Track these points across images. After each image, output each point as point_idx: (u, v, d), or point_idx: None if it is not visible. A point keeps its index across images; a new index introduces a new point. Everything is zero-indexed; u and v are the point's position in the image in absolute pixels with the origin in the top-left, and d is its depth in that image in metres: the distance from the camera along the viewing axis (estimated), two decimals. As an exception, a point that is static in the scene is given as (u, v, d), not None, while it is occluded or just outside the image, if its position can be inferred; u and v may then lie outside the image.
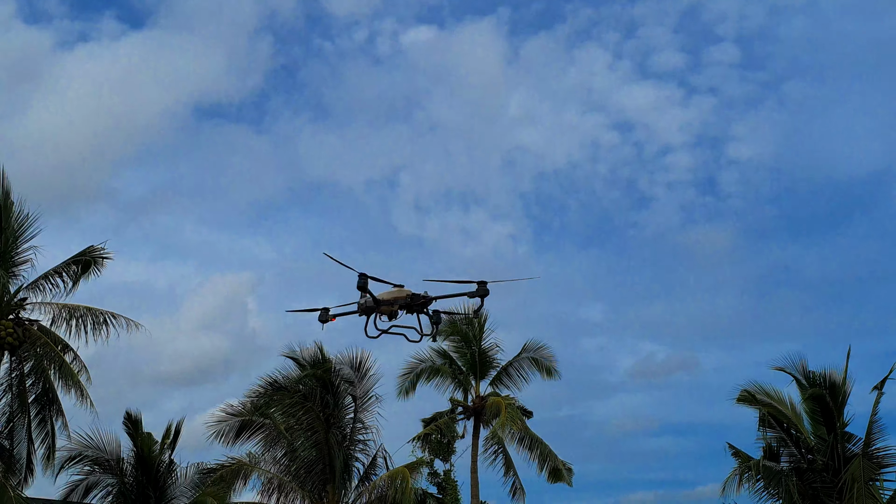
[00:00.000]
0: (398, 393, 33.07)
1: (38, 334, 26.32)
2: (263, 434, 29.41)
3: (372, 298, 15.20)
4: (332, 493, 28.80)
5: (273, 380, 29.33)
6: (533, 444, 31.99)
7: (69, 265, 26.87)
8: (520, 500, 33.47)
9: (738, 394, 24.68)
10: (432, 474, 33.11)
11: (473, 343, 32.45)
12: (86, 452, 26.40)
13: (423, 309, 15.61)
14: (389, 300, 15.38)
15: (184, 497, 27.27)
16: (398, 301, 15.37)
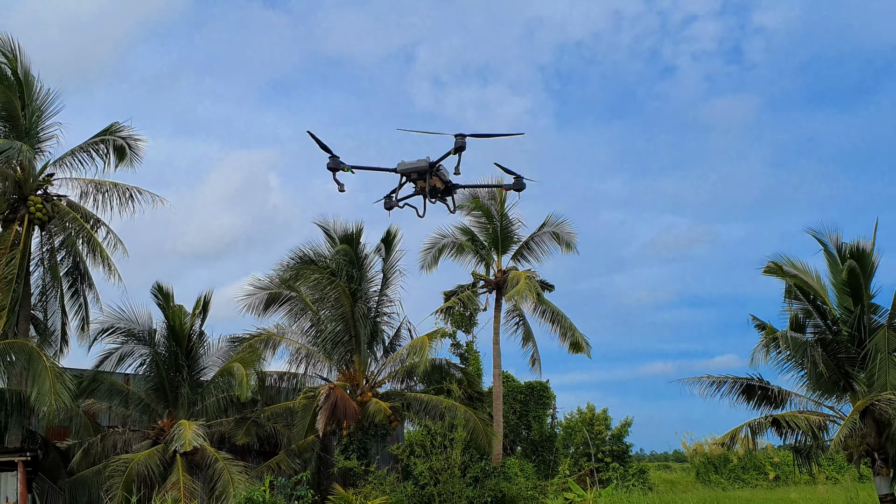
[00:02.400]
0: (421, 267, 33.60)
1: (67, 209, 26.57)
2: (291, 306, 30.10)
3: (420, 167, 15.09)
4: (358, 362, 29.58)
5: (302, 253, 29.79)
6: (554, 317, 32.56)
7: (97, 143, 26.88)
8: (536, 370, 34.38)
9: (765, 266, 24.78)
10: (455, 345, 33.82)
11: (495, 218, 32.60)
12: (118, 324, 27.02)
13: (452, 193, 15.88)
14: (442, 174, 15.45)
15: (214, 366, 27.97)
16: (445, 178, 15.42)
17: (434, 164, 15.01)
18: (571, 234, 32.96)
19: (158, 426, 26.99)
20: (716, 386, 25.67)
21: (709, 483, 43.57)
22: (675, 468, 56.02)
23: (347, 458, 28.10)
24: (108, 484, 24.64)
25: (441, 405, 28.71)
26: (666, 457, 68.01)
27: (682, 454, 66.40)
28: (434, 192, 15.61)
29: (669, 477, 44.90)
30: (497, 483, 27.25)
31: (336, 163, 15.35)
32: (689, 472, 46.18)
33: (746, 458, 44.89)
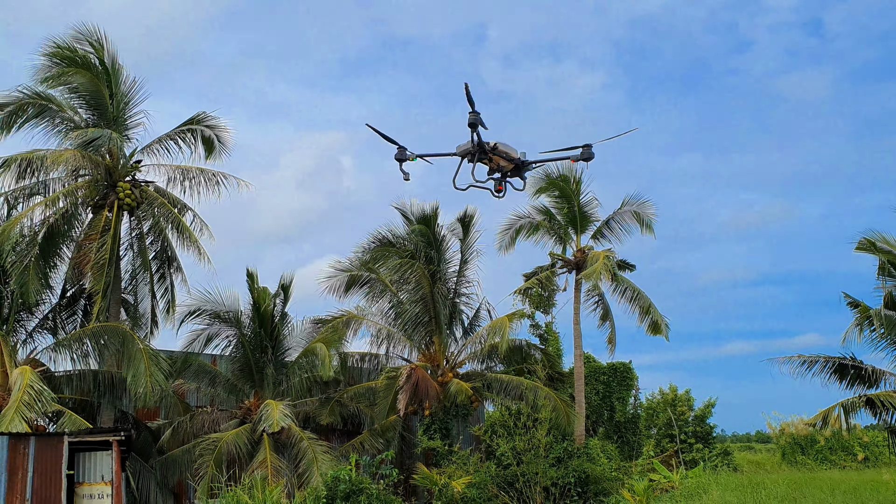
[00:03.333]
0: (499, 249, 33.58)
1: (155, 195, 27.27)
2: (371, 288, 30.47)
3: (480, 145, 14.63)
4: (438, 343, 29.80)
5: (381, 235, 30.12)
6: (634, 296, 32.28)
7: (184, 132, 27.56)
8: (613, 351, 34.25)
9: (857, 242, 24.25)
10: (534, 326, 33.82)
11: (572, 198, 32.38)
12: (204, 307, 27.65)
13: (522, 172, 15.48)
14: (503, 152, 15.03)
15: (298, 347, 28.45)
16: (510, 156, 15.01)
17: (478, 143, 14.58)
18: (651, 215, 32.64)
19: (245, 406, 27.60)
20: (807, 365, 25.31)
21: (795, 464, 42.73)
22: (758, 449, 55.16)
23: (430, 437, 28.37)
24: (198, 463, 25.29)
25: (522, 386, 28.74)
26: (748, 438, 67.08)
27: (765, 435, 65.27)
28: (502, 171, 15.31)
29: (754, 458, 44.19)
30: (580, 464, 27.18)
31: (402, 154, 15.32)
32: (774, 453, 45.37)
33: (834, 438, 43.93)
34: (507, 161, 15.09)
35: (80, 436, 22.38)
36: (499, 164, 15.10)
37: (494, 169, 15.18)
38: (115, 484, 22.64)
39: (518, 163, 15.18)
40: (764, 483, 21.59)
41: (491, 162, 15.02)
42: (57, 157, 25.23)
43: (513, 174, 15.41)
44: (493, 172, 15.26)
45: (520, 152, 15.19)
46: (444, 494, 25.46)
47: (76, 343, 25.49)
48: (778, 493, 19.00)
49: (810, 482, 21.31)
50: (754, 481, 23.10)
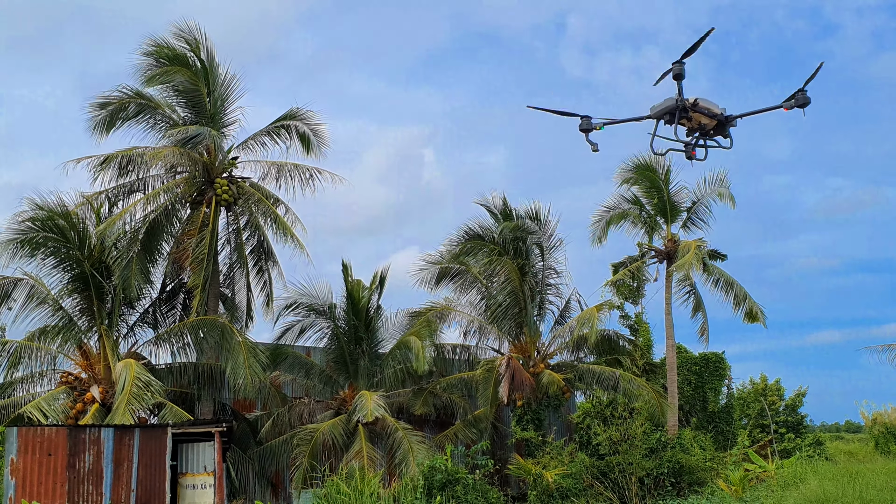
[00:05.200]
0: (591, 241, 33.37)
1: (251, 190, 27.79)
2: (461, 280, 30.64)
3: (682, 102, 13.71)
4: (528, 334, 29.83)
5: (468, 229, 30.32)
6: (726, 285, 31.87)
7: (278, 128, 28.02)
8: (705, 341, 33.82)
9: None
10: (624, 317, 33.64)
11: (662, 187, 32.07)
12: (300, 300, 28.11)
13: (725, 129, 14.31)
14: (705, 108, 14.00)
15: (392, 339, 28.76)
16: (711, 112, 13.96)
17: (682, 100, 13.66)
18: (727, 190, 32.13)
19: (340, 397, 27.99)
20: (903, 354, 24.79)
21: (888, 453, 41.82)
22: (848, 438, 54.00)
23: (524, 428, 28.45)
24: (295, 452, 25.79)
25: (614, 376, 28.64)
26: (837, 427, 65.74)
27: (855, 424, 63.89)
28: (704, 131, 14.27)
29: (846, 448, 43.28)
30: (674, 454, 26.98)
31: (587, 123, 14.40)
32: (867, 443, 44.44)
33: (928, 427, 42.84)
34: (710, 118, 14.11)
35: (183, 427, 22.96)
36: (700, 123, 14.12)
37: (695, 128, 14.25)
38: (218, 474, 23.19)
39: (721, 119, 14.19)
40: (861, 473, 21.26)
41: (691, 121, 14.09)
42: (156, 154, 25.86)
43: (716, 132, 14.40)
44: (694, 131, 14.32)
45: (721, 107, 14.19)
46: (538, 484, 25.52)
47: (176, 336, 26.11)
48: (876, 482, 18.74)
49: (907, 471, 20.95)
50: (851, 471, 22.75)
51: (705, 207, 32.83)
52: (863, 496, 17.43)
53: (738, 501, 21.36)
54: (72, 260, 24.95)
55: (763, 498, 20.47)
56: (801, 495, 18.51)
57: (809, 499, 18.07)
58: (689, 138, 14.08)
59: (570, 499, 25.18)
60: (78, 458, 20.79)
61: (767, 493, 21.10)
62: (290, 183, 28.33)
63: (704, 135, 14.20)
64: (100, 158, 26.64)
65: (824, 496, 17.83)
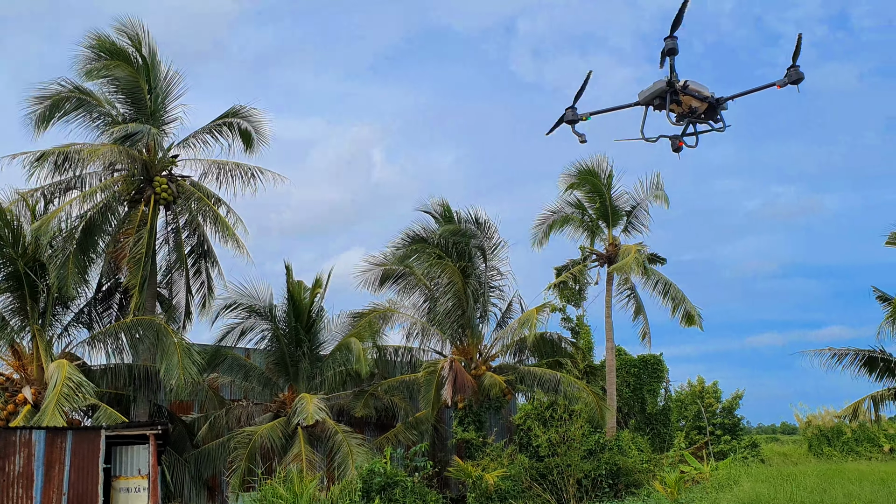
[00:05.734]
0: (532, 244, 33.59)
1: (192, 189, 27.41)
2: (404, 282, 30.60)
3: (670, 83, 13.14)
4: (470, 336, 29.90)
5: (413, 232, 30.33)
6: (666, 289, 32.29)
7: (220, 126, 27.67)
8: (647, 344, 34.25)
9: (888, 237, 24.24)
10: (565, 319, 33.89)
11: (604, 192, 32.40)
12: (240, 300, 27.79)
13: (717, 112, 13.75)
14: (695, 90, 13.41)
15: (333, 341, 28.61)
16: (702, 94, 13.45)
17: (671, 82, 13.09)
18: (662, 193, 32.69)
19: (280, 399, 27.75)
20: (837, 358, 25.37)
21: (822, 455, 42.69)
22: (783, 440, 55.11)
23: (465, 429, 28.50)
24: (233, 455, 25.49)
25: (555, 378, 28.81)
26: (773, 429, 66.95)
27: (790, 426, 65.12)
28: (695, 113, 13.74)
29: (781, 450, 44.20)
30: (612, 456, 27.27)
31: (573, 114, 13.92)
32: (801, 445, 45.38)
33: (860, 430, 43.91)
34: (700, 101, 13.58)
35: (117, 430, 22.52)
36: (690, 106, 13.59)
37: (685, 113, 13.70)
38: (152, 477, 22.77)
39: (712, 101, 13.66)
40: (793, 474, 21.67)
41: (681, 105, 13.57)
42: (94, 151, 25.38)
43: (707, 116, 13.88)
44: (684, 116, 13.76)
45: (710, 90, 13.69)
46: (477, 487, 25.58)
47: (111, 337, 25.71)
48: (807, 484, 19.11)
49: (838, 473, 21.42)
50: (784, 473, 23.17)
51: (644, 211, 33.28)
52: (794, 498, 17.75)
53: (673, 503, 21.61)
54: (5, 258, 24.44)
55: (697, 500, 20.74)
56: (734, 497, 18.80)
57: (742, 500, 18.35)
58: (680, 125, 13.66)
59: (508, 501, 25.29)
60: (7, 460, 20.31)
61: (702, 494, 21.37)
62: (232, 182, 28.01)
63: (696, 119, 13.79)
64: (36, 154, 26.01)
65: (757, 498, 18.12)
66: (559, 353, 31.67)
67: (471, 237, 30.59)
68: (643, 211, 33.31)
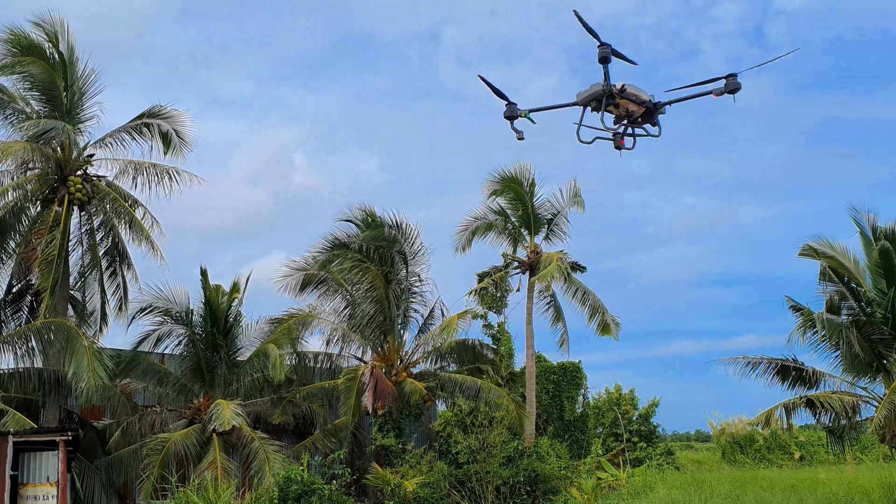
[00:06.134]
0: (455, 249, 33.62)
1: (107, 190, 26.75)
2: (326, 287, 30.38)
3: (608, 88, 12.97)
4: (391, 343, 29.78)
5: (334, 238, 30.09)
6: (585, 297, 32.66)
7: (140, 126, 27.04)
8: (565, 351, 34.64)
9: (801, 248, 24.85)
10: (487, 326, 34.02)
11: (526, 200, 32.65)
12: (156, 304, 27.21)
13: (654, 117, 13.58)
14: (632, 94, 13.22)
15: (252, 346, 28.20)
16: (640, 99, 13.29)
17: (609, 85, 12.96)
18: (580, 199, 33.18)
19: (195, 405, 27.24)
20: (751, 366, 25.89)
21: (734, 463, 43.59)
22: (697, 448, 56.17)
23: (384, 436, 28.36)
24: (145, 463, 24.90)
25: (475, 385, 28.87)
26: (688, 437, 68.22)
27: (704, 434, 66.38)
28: (632, 117, 13.57)
29: (695, 457, 45.07)
30: (530, 463, 27.45)
31: (512, 110, 13.73)
32: (714, 452, 46.29)
33: (772, 438, 44.99)
34: (638, 105, 13.39)
35: (26, 435, 21.86)
36: (628, 110, 13.43)
37: (623, 115, 13.54)
38: (61, 485, 22.17)
39: (649, 105, 13.48)
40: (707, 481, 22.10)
41: (618, 108, 13.39)
42: (6, 149, 24.58)
43: (644, 120, 13.68)
44: (622, 119, 13.60)
45: (650, 94, 13.54)
46: (396, 494, 25.49)
47: (20, 340, 24.91)
48: (721, 490, 19.44)
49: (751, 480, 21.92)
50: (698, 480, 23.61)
51: (565, 219, 33.64)
52: (707, 504, 18.03)
53: (589, 510, 21.82)
54: None
55: (613, 506, 20.97)
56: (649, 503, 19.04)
57: (657, 507, 18.59)
58: (617, 126, 13.53)
59: (427, 508, 25.26)
60: None
61: (618, 501, 21.60)
62: (149, 183, 27.38)
63: (633, 122, 13.63)
64: (-57, 151, 25.11)
65: (671, 504, 18.37)
66: (480, 359, 31.79)
67: (393, 242, 30.50)
68: (563, 218, 33.71)
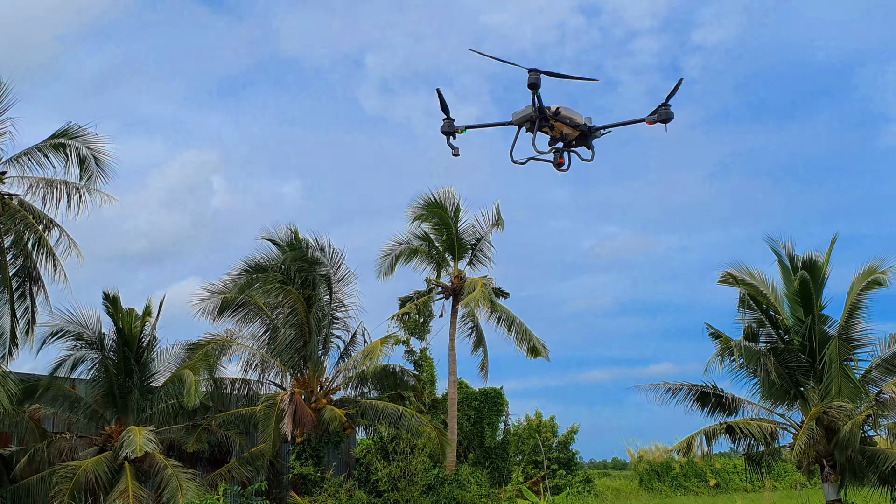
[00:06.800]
0: (378, 274, 33.32)
1: (18, 209, 25.76)
2: (245, 311, 29.73)
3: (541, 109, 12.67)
4: (311, 369, 29.30)
5: (254, 261, 29.50)
6: (509, 322, 32.63)
7: (55, 146, 26.10)
8: (485, 376, 34.56)
9: (720, 275, 25.20)
10: (409, 352, 33.76)
11: (451, 225, 32.62)
12: (67, 328, 26.31)
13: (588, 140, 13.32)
14: (567, 118, 12.98)
15: (167, 371, 27.44)
16: (574, 122, 13.03)
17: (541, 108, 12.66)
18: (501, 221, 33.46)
19: (106, 432, 26.35)
20: (671, 393, 26.09)
21: (652, 490, 44.03)
22: (615, 475, 56.62)
23: (303, 464, 27.79)
24: (55, 491, 23.94)
25: (396, 412, 28.53)
26: (604, 464, 68.72)
27: (620, 462, 66.94)
28: (566, 140, 13.25)
29: (614, 484, 45.34)
30: (451, 491, 27.23)
31: (449, 126, 13.40)
32: (632, 480, 46.68)
33: (688, 465, 45.54)
34: (572, 128, 13.13)
35: (-75, 464, 20.89)
36: (562, 132, 13.17)
37: (557, 138, 13.26)
38: (-38, 515, 21.22)
39: (584, 129, 13.22)
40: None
41: (553, 130, 13.14)
42: None
43: (578, 143, 13.39)
44: (556, 142, 13.34)
45: (586, 117, 13.27)
46: (314, 523, 25.01)
47: (-79, 363, 23.79)
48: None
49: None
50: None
51: (488, 244, 33.74)
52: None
53: (511, 537, 21.71)
54: None
55: (535, 534, 20.90)
56: (571, 531, 19.02)
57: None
58: (550, 149, 13.21)
59: (345, 537, 24.81)
60: None
61: (540, 528, 21.57)
62: (62, 203, 26.42)
63: (567, 145, 13.37)
64: None
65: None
66: (402, 386, 31.47)
67: (317, 264, 30.06)
68: (487, 244, 33.83)
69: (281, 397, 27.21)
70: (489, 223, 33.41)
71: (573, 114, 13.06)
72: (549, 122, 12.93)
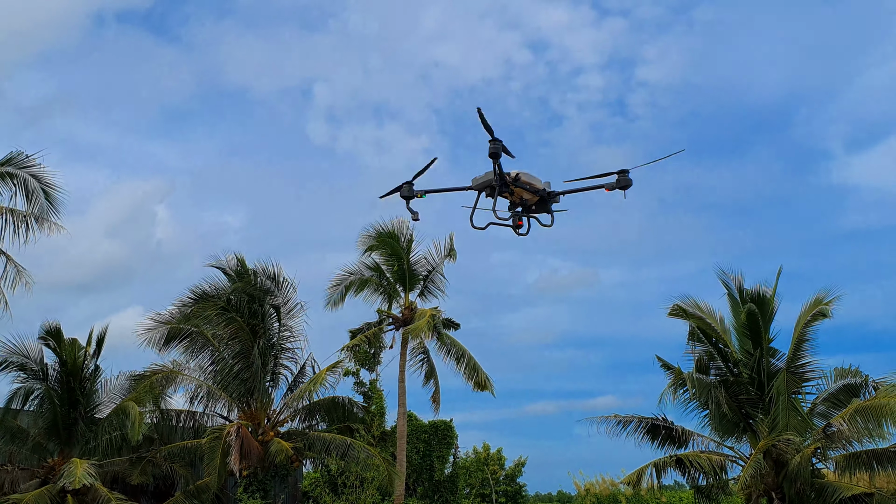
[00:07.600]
0: (326, 304, 33.04)
1: (-42, 235, 25.04)
2: (192, 342, 29.18)
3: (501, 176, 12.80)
4: (259, 400, 28.82)
5: (201, 290, 28.99)
6: (459, 354, 32.54)
7: (1, 175, 25.40)
8: (437, 409, 34.33)
9: (670, 308, 25.47)
10: (358, 384, 33.43)
11: (402, 256, 32.52)
12: (11, 358, 25.61)
13: (548, 205, 13.55)
14: (526, 183, 13.12)
15: (112, 402, 26.83)
16: (534, 188, 13.21)
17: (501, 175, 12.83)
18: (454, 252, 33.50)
19: (49, 464, 25.61)
20: (622, 425, 26.21)
21: (598, 523, 44.00)
22: (562, 509, 56.60)
23: (250, 497, 27.23)
24: (-8, 527, 23.24)
25: (345, 444, 28.13)
26: (550, 497, 68.53)
27: (566, 495, 66.94)
28: (526, 205, 13.44)
29: (561, 517, 45.30)
30: (400, 524, 26.93)
31: (409, 190, 13.57)
32: (579, 513, 46.65)
33: (635, 498, 45.68)
34: (531, 193, 13.35)
35: None
36: (521, 197, 13.34)
37: (517, 203, 13.40)
38: None
39: (543, 195, 13.45)
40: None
41: (512, 195, 13.30)
42: None
43: (538, 208, 13.61)
44: (516, 206, 13.46)
45: (544, 182, 13.47)
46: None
47: None
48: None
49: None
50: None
51: (441, 275, 33.70)
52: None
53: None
54: None
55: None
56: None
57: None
58: (509, 213, 13.34)
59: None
60: None
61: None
62: (8, 231, 25.74)
63: (527, 210, 13.52)
64: None
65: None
66: (351, 418, 31.06)
67: (267, 294, 29.66)
68: (439, 275, 33.78)
69: (227, 430, 26.65)
70: (441, 254, 33.43)
71: (533, 179, 13.25)
72: (508, 188, 13.06)
